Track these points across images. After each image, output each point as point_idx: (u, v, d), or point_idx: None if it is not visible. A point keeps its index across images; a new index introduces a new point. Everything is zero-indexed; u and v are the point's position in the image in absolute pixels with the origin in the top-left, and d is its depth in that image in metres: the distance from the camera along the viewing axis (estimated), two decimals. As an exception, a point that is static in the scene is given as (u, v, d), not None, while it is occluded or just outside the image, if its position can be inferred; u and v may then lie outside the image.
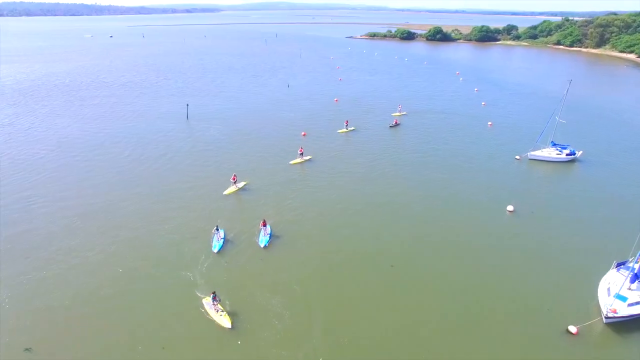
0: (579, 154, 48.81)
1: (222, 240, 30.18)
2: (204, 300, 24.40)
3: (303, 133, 55.48)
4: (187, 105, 65.20)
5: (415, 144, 53.93)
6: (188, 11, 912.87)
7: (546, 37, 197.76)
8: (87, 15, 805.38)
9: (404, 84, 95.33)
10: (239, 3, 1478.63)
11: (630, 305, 23.79)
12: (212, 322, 23.01)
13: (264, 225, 31.02)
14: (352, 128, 58.44)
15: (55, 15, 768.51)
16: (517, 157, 48.68)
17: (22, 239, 30.65)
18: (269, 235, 30.72)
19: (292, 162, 46.27)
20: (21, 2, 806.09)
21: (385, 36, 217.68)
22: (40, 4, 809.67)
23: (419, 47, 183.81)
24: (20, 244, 30.05)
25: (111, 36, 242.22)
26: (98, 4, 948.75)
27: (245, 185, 40.04)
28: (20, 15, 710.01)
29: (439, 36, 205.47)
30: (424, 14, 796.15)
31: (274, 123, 61.51)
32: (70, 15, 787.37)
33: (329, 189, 40.12)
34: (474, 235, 32.25)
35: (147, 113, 66.99)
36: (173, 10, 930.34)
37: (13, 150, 49.51)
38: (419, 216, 35.27)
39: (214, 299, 23.71)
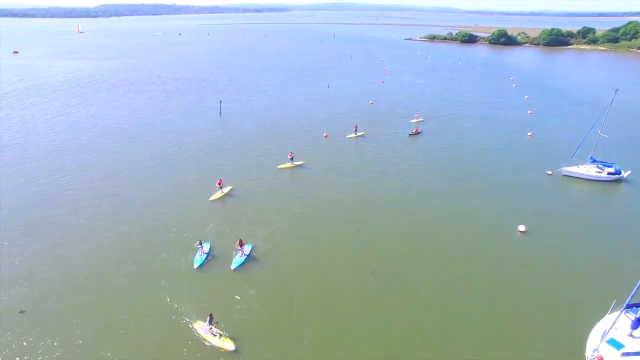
0: (625, 174, 43.27)
1: (206, 255, 28.63)
2: (195, 325, 22.60)
3: (325, 134, 55.08)
4: (220, 101, 67.68)
5: (433, 153, 50.84)
6: (258, 10, 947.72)
7: (630, 40, 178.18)
8: (167, 14, 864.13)
9: (449, 88, 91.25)
10: (308, 3, 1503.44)
11: (624, 354, 20.40)
12: (213, 348, 21.41)
13: (241, 245, 28.52)
14: (362, 133, 56.34)
15: (140, 15, 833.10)
16: (549, 172, 44.44)
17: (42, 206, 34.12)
18: (245, 257, 28.39)
19: (280, 166, 44.90)
20: (114, 5, 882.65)
21: (445, 39, 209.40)
22: (128, 5, 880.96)
23: (478, 51, 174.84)
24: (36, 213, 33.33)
25: (180, 34, 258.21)
26: (177, 3, 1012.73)
27: (231, 190, 38.90)
28: (111, 16, 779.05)
29: (503, 40, 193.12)
30: (495, 16, 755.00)
31: (301, 123, 61.88)
32: (152, 14, 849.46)
33: (312, 201, 37.56)
34: (475, 252, 30.12)
35: (187, 108, 70.67)
36: (244, 10, 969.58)
37: (68, 134, 55.48)
38: (419, 229, 33.28)
39: (210, 321, 21.85)
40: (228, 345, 21.29)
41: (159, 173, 43.60)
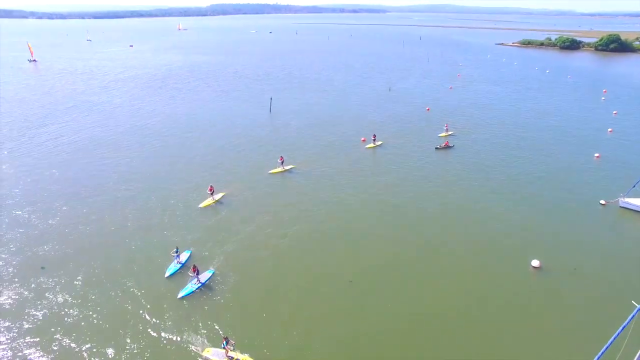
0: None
1: (181, 265, 27.61)
2: (205, 353, 20.98)
3: (363, 139, 53.87)
4: (271, 99, 70.11)
5: (461, 169, 45.81)
6: (355, 11, 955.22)
7: None
8: (268, 13, 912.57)
9: (524, 97, 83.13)
10: (407, 4, 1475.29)
11: None
12: None
13: (195, 272, 25.87)
14: (380, 142, 52.97)
15: (244, 14, 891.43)
16: (602, 202, 38.41)
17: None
18: (198, 285, 25.75)
19: (271, 171, 43.53)
20: (222, 4, 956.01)
21: (542, 44, 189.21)
22: (235, 5, 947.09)
23: (577, 59, 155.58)
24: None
25: (270, 32, 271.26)
26: (278, 3, 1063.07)
27: (222, 196, 37.78)
28: (219, 15, 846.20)
29: (613, 46, 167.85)
30: (619, 19, 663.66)
31: (345, 125, 61.35)
32: (255, 13, 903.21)
33: (299, 210, 35.67)
34: (480, 286, 26.69)
35: (245, 103, 74.55)
36: (341, 10, 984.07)
37: (134, 120, 63.25)
38: (416, 255, 29.99)
39: (225, 345, 20.42)
40: None
41: (166, 169, 45.20)
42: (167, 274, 27.02)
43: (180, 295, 25.25)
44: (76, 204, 36.37)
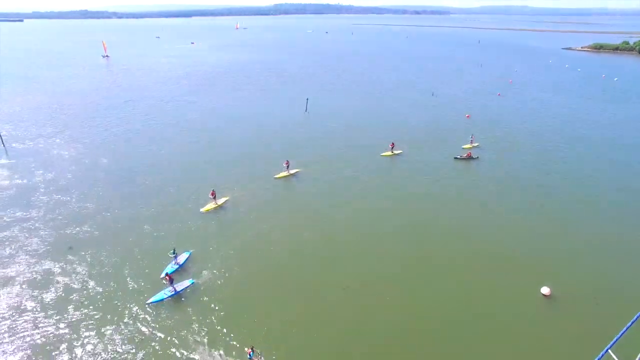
0: None
1: (178, 266, 27.97)
2: None
3: (391, 144, 53.15)
4: (307, 99, 71.25)
5: (479, 183, 43.18)
6: (417, 12, 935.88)
7: None
8: (329, 13, 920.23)
9: (580, 107, 77.19)
10: (473, 6, 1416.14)
11: None
12: None
13: (169, 280, 25.56)
14: (399, 151, 51.26)
15: (305, 13, 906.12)
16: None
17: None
18: (172, 293, 25.39)
19: (276, 175, 42.98)
20: (284, 4, 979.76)
21: (617, 49, 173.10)
22: (296, 4, 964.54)
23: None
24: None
25: (326, 32, 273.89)
26: (340, 3, 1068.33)
27: (225, 201, 37.58)
28: (280, 14, 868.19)
29: None
30: None
31: (377, 129, 60.77)
32: (317, 13, 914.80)
33: (300, 218, 35.23)
34: (484, 308, 25.13)
35: (284, 101, 76.35)
36: (403, 11, 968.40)
37: (177, 113, 67.78)
38: (408, 279, 27.96)
39: (251, 356, 20.44)
40: None
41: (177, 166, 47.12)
42: (162, 275, 27.17)
43: (149, 300, 24.94)
44: (109, 192, 39.72)
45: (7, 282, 26.77)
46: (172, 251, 27.96)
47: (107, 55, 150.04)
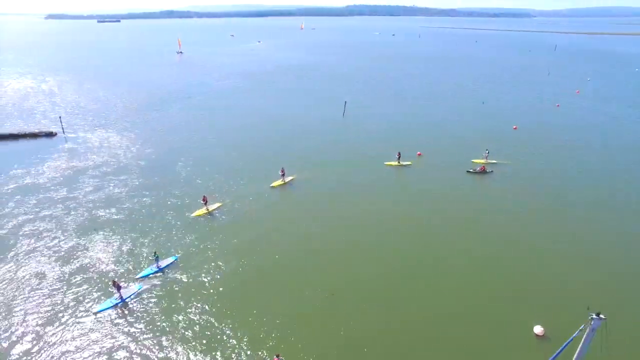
0: None
1: (157, 269, 27.66)
2: None
3: (418, 153, 51.80)
4: (345, 102, 71.56)
5: (488, 201, 39.45)
6: (495, 15, 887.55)
7: None
8: (402, 15, 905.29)
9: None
10: (558, 8, 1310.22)
11: None
12: None
13: (116, 287, 24.94)
14: (408, 163, 48.68)
15: (378, 15, 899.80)
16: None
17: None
18: (119, 301, 24.89)
19: (273, 184, 41.50)
20: (357, 5, 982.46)
21: None
22: (369, 5, 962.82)
23: None
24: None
25: (393, 35, 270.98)
26: (415, 5, 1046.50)
27: (219, 207, 36.99)
28: (354, 15, 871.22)
29: None
30: None
31: (408, 138, 58.99)
32: (388, 15, 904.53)
33: (288, 228, 33.92)
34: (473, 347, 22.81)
35: (329, 105, 76.96)
36: (479, 14, 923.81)
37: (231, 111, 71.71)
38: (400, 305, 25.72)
39: None
40: None
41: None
42: (138, 275, 27.39)
43: (96, 309, 24.47)
44: (141, 180, 43.36)
45: (31, 253, 30.36)
46: (154, 253, 27.94)
47: (181, 52, 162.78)
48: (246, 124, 64.62)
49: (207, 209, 36.05)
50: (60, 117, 61.69)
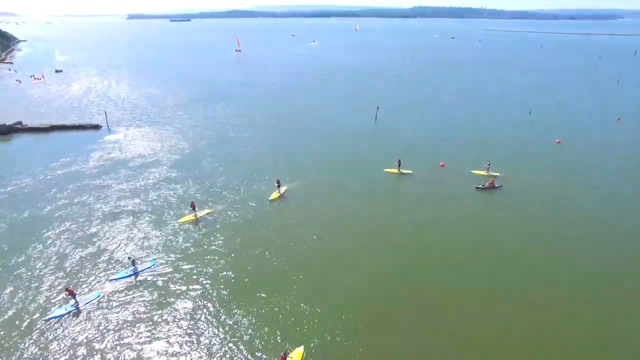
0: None
1: (132, 273, 27.20)
2: None
3: (442, 164, 49.35)
4: (377, 107, 69.99)
5: (494, 220, 36.16)
6: (572, 18, 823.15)
7: None
8: (468, 17, 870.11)
9: None
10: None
11: None
12: None
13: (71, 294, 24.15)
14: (410, 172, 45.90)
15: (443, 17, 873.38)
16: None
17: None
18: (73, 308, 24.11)
19: (271, 197, 38.89)
20: (422, 7, 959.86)
21: None
22: (434, 7, 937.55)
23: None
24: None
25: (453, 38, 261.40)
26: (485, 7, 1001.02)
27: (207, 213, 35.92)
28: (418, 17, 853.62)
29: None
30: None
31: (430, 147, 56.07)
32: (455, 17, 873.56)
33: (274, 241, 32.11)
34: None
35: (364, 109, 75.49)
36: (554, 17, 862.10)
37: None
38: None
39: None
40: None
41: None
42: (112, 277, 27.21)
43: (50, 315, 23.74)
44: (167, 174, 45.51)
45: (58, 236, 32.93)
46: (129, 258, 27.89)
47: (239, 50, 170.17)
48: (280, 124, 65.71)
49: (195, 216, 34.94)
50: (105, 112, 67.05)
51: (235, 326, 23.68)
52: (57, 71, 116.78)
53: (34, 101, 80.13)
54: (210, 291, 26.51)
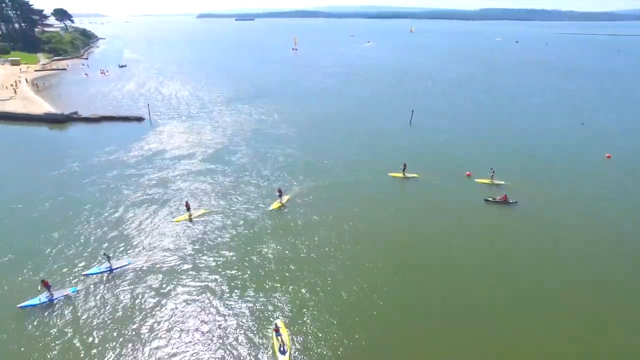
0: None
1: (107, 270, 27.03)
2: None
3: (468, 173, 46.70)
4: (412, 111, 67.82)
5: (505, 245, 32.60)
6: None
7: None
8: (543, 20, 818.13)
9: None
10: None
11: None
12: None
13: (46, 286, 24.42)
14: (414, 175, 44.41)
15: (510, 20, 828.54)
16: None
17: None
18: (46, 300, 24.37)
19: (271, 207, 37.04)
20: (490, 8, 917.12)
21: None
22: (502, 9, 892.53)
23: None
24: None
25: (517, 41, 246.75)
26: (559, 9, 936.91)
27: (203, 214, 35.49)
28: (484, 19, 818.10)
29: None
30: None
31: (470, 155, 53.31)
32: (525, 19, 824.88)
33: (263, 251, 30.89)
34: None
35: (402, 113, 73.26)
36: (638, 17, 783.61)
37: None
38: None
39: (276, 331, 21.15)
40: None
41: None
42: (85, 272, 27.19)
43: (21, 304, 24.07)
44: (197, 168, 47.50)
45: (85, 221, 34.88)
46: (103, 253, 27.64)
47: (295, 49, 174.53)
48: (316, 124, 65.97)
49: (190, 215, 34.63)
50: (148, 105, 71.60)
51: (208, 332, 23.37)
52: (120, 66, 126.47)
53: (94, 93, 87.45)
54: (188, 289, 26.65)
